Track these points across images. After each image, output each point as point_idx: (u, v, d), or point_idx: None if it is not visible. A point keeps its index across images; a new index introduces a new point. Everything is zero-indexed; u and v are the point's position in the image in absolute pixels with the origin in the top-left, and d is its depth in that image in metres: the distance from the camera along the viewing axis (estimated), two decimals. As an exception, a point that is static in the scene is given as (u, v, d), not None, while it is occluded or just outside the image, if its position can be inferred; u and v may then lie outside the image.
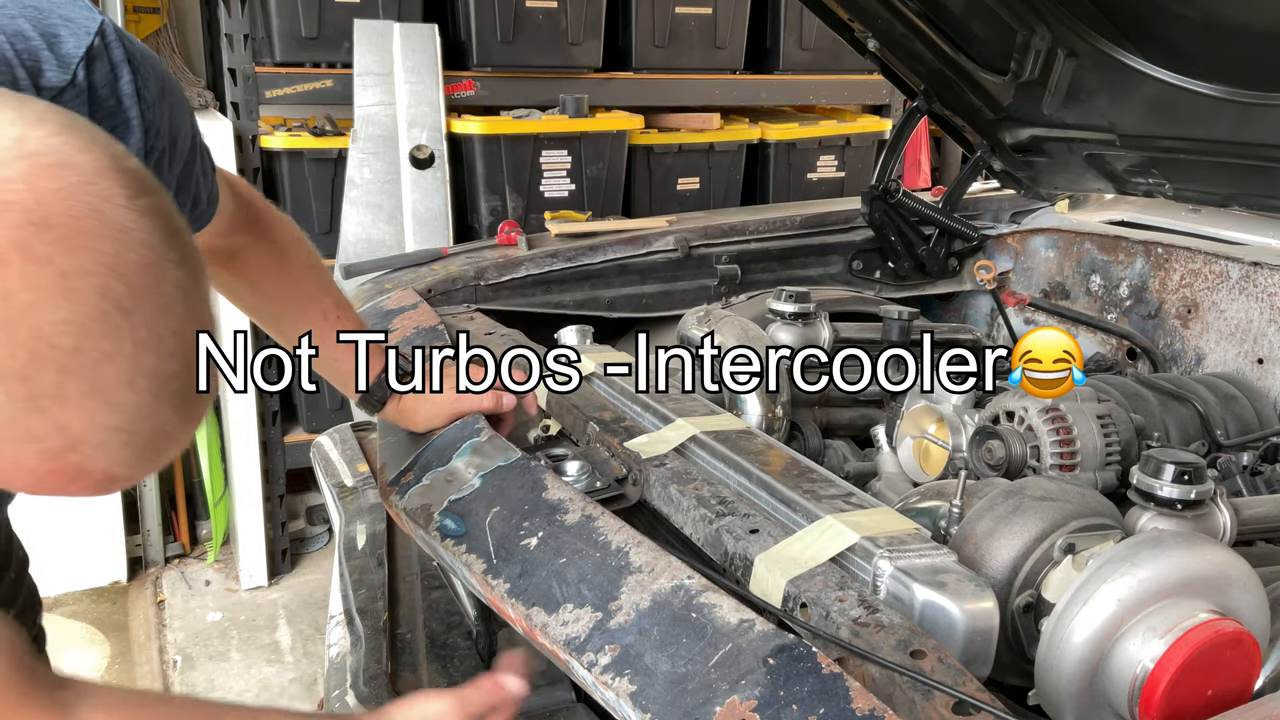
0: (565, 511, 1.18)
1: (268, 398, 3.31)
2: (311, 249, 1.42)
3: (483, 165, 3.31)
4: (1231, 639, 0.99)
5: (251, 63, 3.11)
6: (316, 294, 1.39)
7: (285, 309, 1.40)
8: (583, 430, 1.50)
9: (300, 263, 1.38)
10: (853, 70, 4.00)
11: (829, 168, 4.02)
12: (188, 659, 3.05)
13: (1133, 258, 2.30)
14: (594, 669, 0.99)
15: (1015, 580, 1.17)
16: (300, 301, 1.38)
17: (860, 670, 0.94)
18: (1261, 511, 1.43)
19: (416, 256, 2.39)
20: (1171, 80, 1.87)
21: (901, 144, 2.50)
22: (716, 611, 0.98)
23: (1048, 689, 1.06)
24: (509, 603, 1.11)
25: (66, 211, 0.64)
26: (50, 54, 0.90)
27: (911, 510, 1.33)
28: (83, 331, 0.65)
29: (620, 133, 3.51)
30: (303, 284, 1.38)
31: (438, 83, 3.21)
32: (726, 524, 1.18)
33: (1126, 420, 1.66)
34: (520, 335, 1.91)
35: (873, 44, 2.31)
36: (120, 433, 0.70)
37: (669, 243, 2.36)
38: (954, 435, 1.67)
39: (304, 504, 3.70)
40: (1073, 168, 2.38)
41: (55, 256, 0.64)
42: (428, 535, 1.27)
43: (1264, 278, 2.03)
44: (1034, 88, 2.12)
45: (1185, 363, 2.17)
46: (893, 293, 2.52)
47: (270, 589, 3.42)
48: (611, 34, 3.59)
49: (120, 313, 0.66)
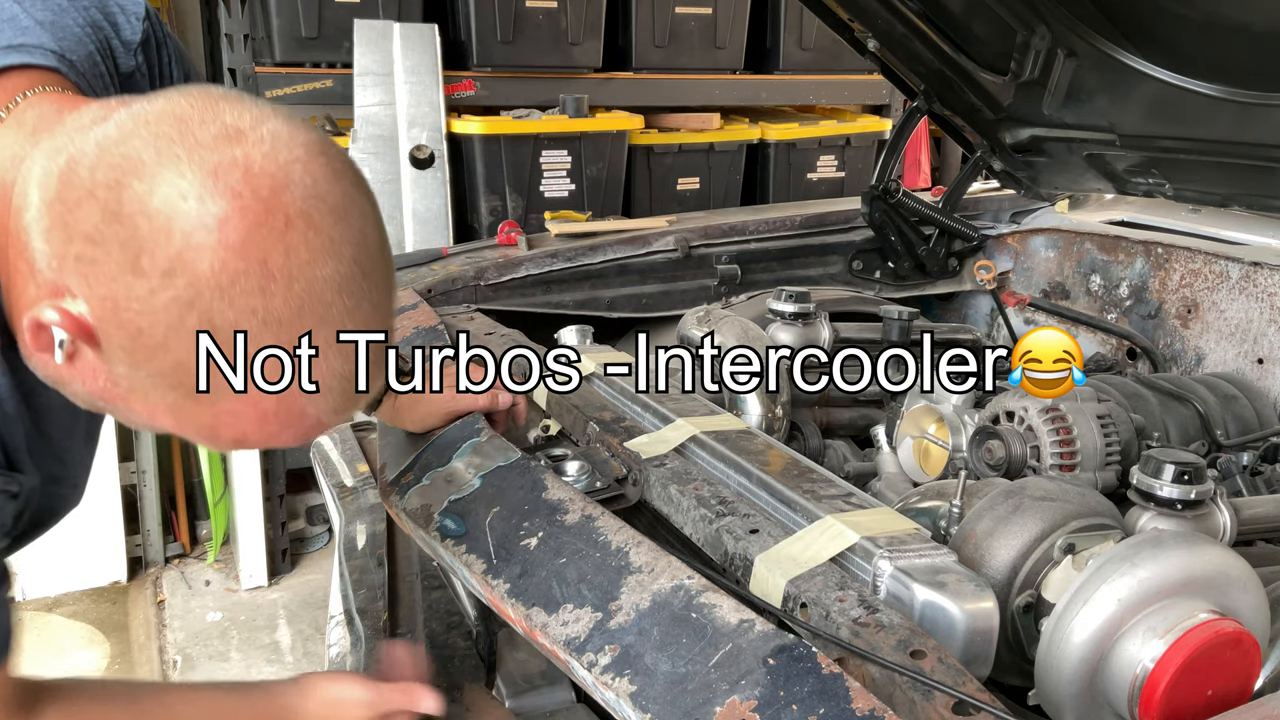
0: (565, 511, 1.18)
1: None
2: None
3: (483, 165, 3.31)
4: (1231, 639, 0.99)
5: (251, 63, 3.11)
6: None
7: None
8: (583, 430, 1.50)
9: None
10: (853, 70, 4.00)
11: (829, 168, 4.02)
12: (188, 659, 3.05)
13: (1133, 258, 2.30)
14: (594, 669, 0.99)
15: (1015, 580, 1.17)
16: None
17: (860, 670, 0.94)
18: (1261, 511, 1.43)
19: (416, 256, 2.39)
20: (1171, 80, 1.87)
21: (901, 144, 2.50)
22: (716, 611, 0.98)
23: (1048, 689, 1.06)
24: (509, 603, 1.11)
25: (334, 192, 0.78)
26: (119, 41, 1.03)
27: (911, 510, 1.33)
28: (339, 288, 0.78)
29: (620, 133, 3.51)
30: None
31: (438, 83, 3.21)
32: (726, 524, 1.18)
33: (1126, 420, 1.66)
34: (520, 335, 1.91)
35: (873, 44, 2.31)
36: (343, 380, 0.81)
37: (669, 243, 2.36)
38: (954, 435, 1.67)
39: (304, 504, 3.70)
40: (1073, 168, 2.38)
41: (327, 225, 0.77)
42: (428, 535, 1.27)
43: (1264, 278, 2.03)
44: (1034, 88, 2.12)
45: (1185, 363, 2.17)
46: (893, 293, 2.52)
47: (270, 589, 3.42)
48: (611, 34, 3.59)
49: (363, 276, 0.80)
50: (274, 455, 3.37)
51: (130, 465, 3.42)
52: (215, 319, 0.75)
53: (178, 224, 0.73)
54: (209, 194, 0.74)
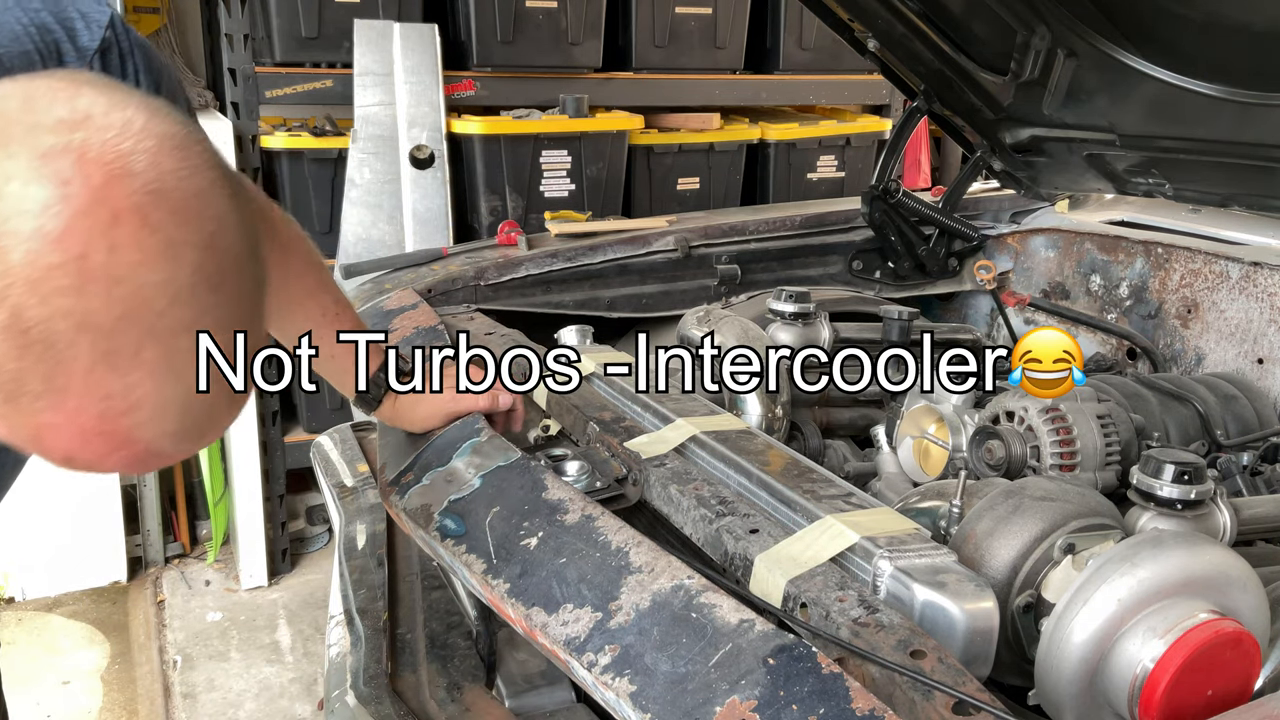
0: (565, 511, 1.18)
1: (268, 398, 3.31)
2: (312, 247, 1.42)
3: (483, 165, 3.30)
4: (1231, 639, 0.99)
5: (251, 63, 3.11)
6: (316, 291, 1.39)
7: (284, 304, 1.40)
8: (583, 430, 1.50)
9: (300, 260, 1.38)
10: (853, 70, 3.99)
11: (829, 168, 4.02)
12: (188, 659, 3.05)
13: (1133, 258, 2.30)
14: (594, 669, 0.99)
15: (1015, 580, 1.17)
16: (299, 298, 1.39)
17: (860, 670, 0.94)
18: (1261, 511, 1.43)
19: (416, 256, 2.39)
20: (1171, 80, 1.87)
21: (901, 144, 2.50)
22: (716, 611, 0.98)
23: (1048, 689, 1.06)
24: (509, 603, 1.11)
25: (180, 189, 0.70)
26: (70, 45, 0.96)
27: (911, 510, 1.33)
28: (174, 297, 0.70)
29: (620, 133, 3.51)
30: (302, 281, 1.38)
31: (438, 83, 3.21)
32: (726, 524, 1.18)
33: (1126, 420, 1.66)
34: (520, 335, 1.91)
35: (873, 44, 2.31)
36: (177, 405, 0.73)
37: (669, 243, 2.36)
38: (954, 435, 1.67)
39: (304, 504, 3.70)
40: (1073, 168, 2.38)
41: (166, 225, 0.69)
42: (428, 535, 1.27)
43: (1264, 278, 2.03)
44: (1034, 88, 2.12)
45: (1185, 363, 2.17)
46: (893, 293, 2.52)
47: (270, 589, 3.42)
48: (611, 34, 3.59)
49: (209, 288, 0.71)
50: (274, 455, 3.37)
51: (130, 465, 3.42)
52: (25, 315, 0.67)
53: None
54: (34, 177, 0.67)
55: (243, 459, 3.31)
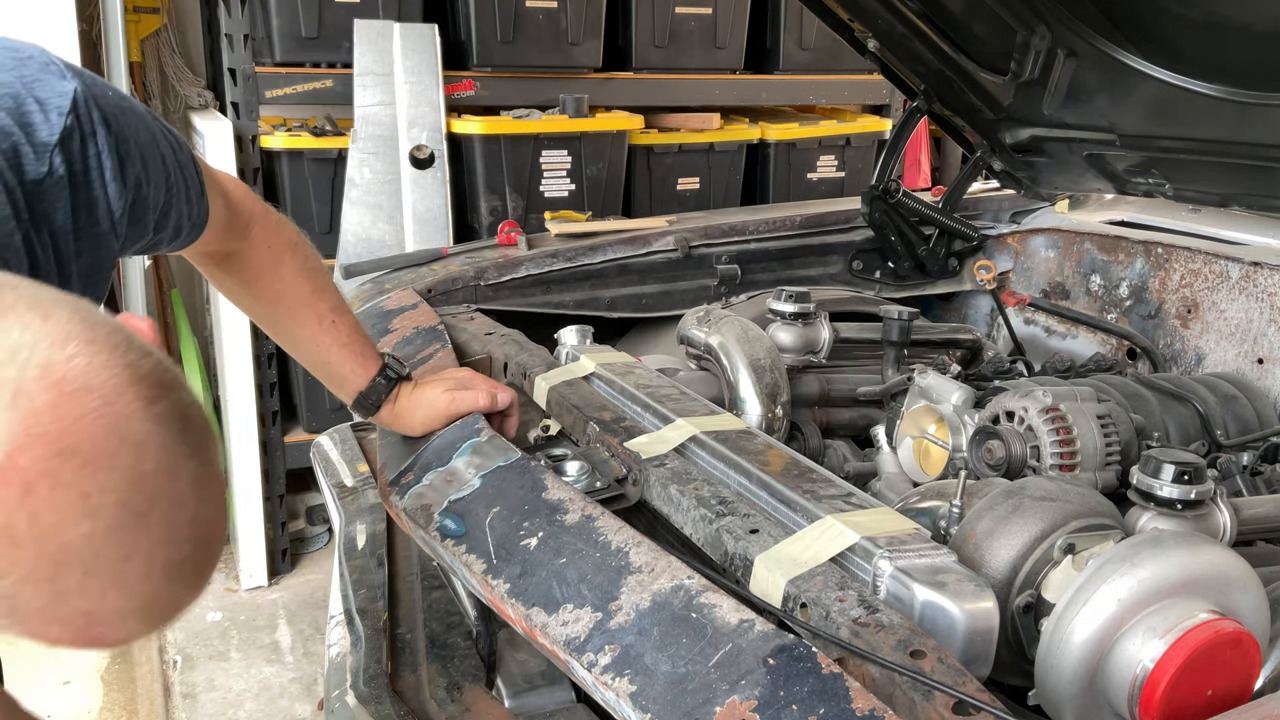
0: (565, 511, 1.18)
1: (267, 398, 3.31)
2: (310, 253, 1.41)
3: (483, 165, 3.30)
4: (1231, 639, 0.99)
5: (251, 63, 3.11)
6: (311, 299, 1.39)
7: (279, 312, 1.40)
8: (583, 430, 1.50)
9: (294, 268, 1.38)
10: (853, 70, 3.99)
11: (829, 168, 4.02)
12: (188, 659, 3.05)
13: (1133, 258, 2.30)
14: (594, 669, 0.99)
15: (1015, 580, 1.17)
16: (294, 306, 1.39)
17: (860, 670, 0.94)
18: (1261, 511, 1.43)
19: (416, 256, 2.39)
20: (1171, 80, 1.87)
21: (901, 144, 2.50)
22: (716, 611, 0.98)
23: (1048, 689, 1.06)
24: (509, 603, 1.11)
25: (89, 437, 0.68)
26: (28, 145, 0.92)
27: (911, 510, 1.33)
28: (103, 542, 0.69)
29: (620, 133, 3.51)
30: (297, 289, 1.38)
31: (438, 83, 3.21)
32: (726, 524, 1.18)
33: (1126, 420, 1.66)
34: (520, 335, 1.91)
35: (873, 44, 2.31)
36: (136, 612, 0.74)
37: (669, 243, 2.36)
38: (954, 435, 1.67)
39: (304, 504, 3.70)
40: (1073, 168, 2.38)
41: (78, 481, 0.68)
42: (428, 535, 1.27)
43: (1264, 278, 2.03)
44: (1034, 88, 2.12)
45: (1185, 363, 2.17)
46: (893, 293, 2.52)
47: (270, 589, 3.42)
48: (611, 34, 3.59)
49: (137, 519, 0.71)
50: (274, 455, 3.37)
51: (130, 465, 3.42)
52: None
53: None
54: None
55: (243, 459, 3.31)
